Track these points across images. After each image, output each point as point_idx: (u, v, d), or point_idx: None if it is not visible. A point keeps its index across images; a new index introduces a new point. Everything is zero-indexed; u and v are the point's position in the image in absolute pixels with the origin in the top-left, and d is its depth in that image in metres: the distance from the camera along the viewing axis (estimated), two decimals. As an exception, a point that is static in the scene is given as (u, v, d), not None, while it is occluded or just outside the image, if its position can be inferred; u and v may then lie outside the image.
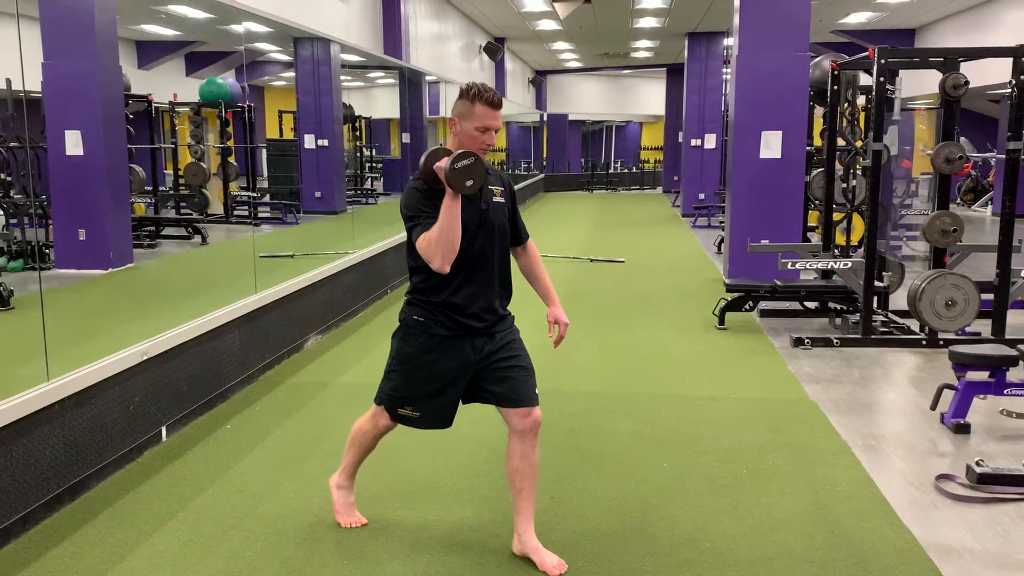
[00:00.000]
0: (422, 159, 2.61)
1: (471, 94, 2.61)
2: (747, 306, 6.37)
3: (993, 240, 5.65)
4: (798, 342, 5.75)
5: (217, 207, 11.32)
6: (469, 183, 2.47)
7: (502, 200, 2.77)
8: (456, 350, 2.72)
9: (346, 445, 3.07)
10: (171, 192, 11.25)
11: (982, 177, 17.15)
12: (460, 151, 2.49)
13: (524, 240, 2.94)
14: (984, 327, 5.73)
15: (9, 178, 7.70)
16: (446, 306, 2.69)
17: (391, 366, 2.83)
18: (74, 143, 6.99)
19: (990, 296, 5.62)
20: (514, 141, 25.75)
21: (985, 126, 17.26)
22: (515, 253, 2.94)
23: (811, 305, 6.66)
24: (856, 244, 7.05)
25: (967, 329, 5.67)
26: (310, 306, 5.76)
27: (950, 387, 4.18)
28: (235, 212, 11.43)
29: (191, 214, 10.86)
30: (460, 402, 2.84)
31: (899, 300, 6.42)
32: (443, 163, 2.49)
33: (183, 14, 9.86)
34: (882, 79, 5.57)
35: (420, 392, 2.78)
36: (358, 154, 13.81)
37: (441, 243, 2.50)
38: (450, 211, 2.49)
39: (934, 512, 3.22)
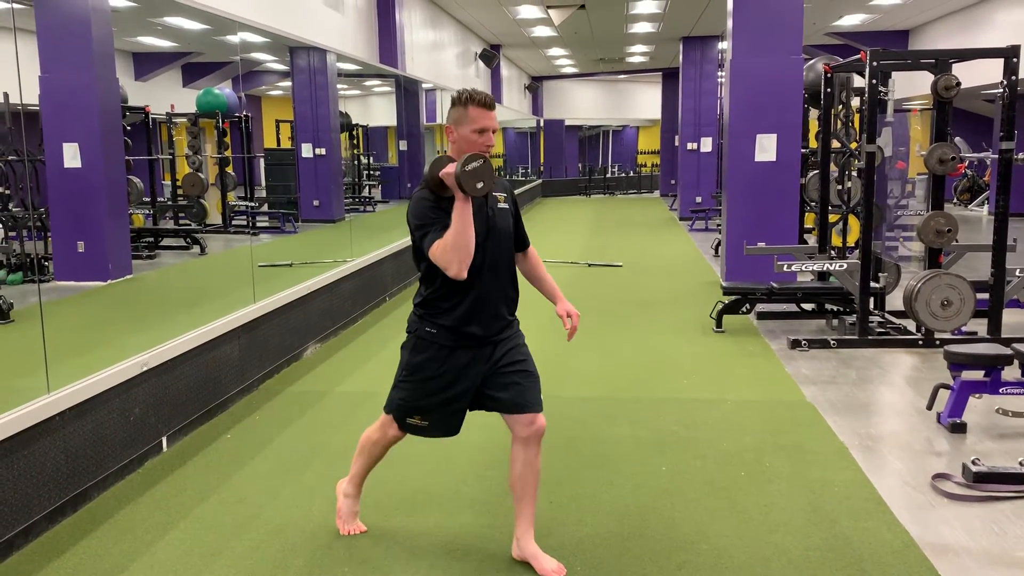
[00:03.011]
0: (427, 168, 2.62)
1: (463, 99, 2.64)
2: (744, 309, 6.40)
3: (990, 239, 5.68)
4: (795, 344, 5.78)
5: (215, 217, 11.34)
6: (480, 185, 2.45)
7: (506, 206, 2.79)
8: (466, 360, 2.73)
9: (355, 454, 3.07)
10: (169, 203, 11.27)
11: (978, 176, 17.20)
12: (469, 154, 2.49)
13: (526, 247, 2.97)
14: (980, 326, 5.76)
15: (8, 191, 7.73)
16: (457, 316, 2.70)
17: (401, 376, 2.83)
18: (72, 155, 7.01)
19: (985, 295, 5.64)
20: (511, 147, 25.81)
21: (980, 126, 17.29)
22: (517, 260, 2.96)
23: (808, 307, 6.68)
24: (852, 245, 7.08)
25: (963, 329, 5.69)
26: (309, 315, 5.79)
27: (946, 387, 4.20)
28: (233, 222, 11.46)
29: (189, 224, 10.88)
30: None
31: (895, 301, 6.45)
32: (452, 168, 2.48)
33: (179, 25, 9.90)
34: (875, 81, 5.61)
35: (429, 402, 2.79)
36: (356, 162, 13.85)
37: (457, 248, 2.49)
38: (462, 215, 2.48)
39: (931, 511, 3.24)
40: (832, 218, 7.14)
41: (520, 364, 2.79)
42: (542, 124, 25.77)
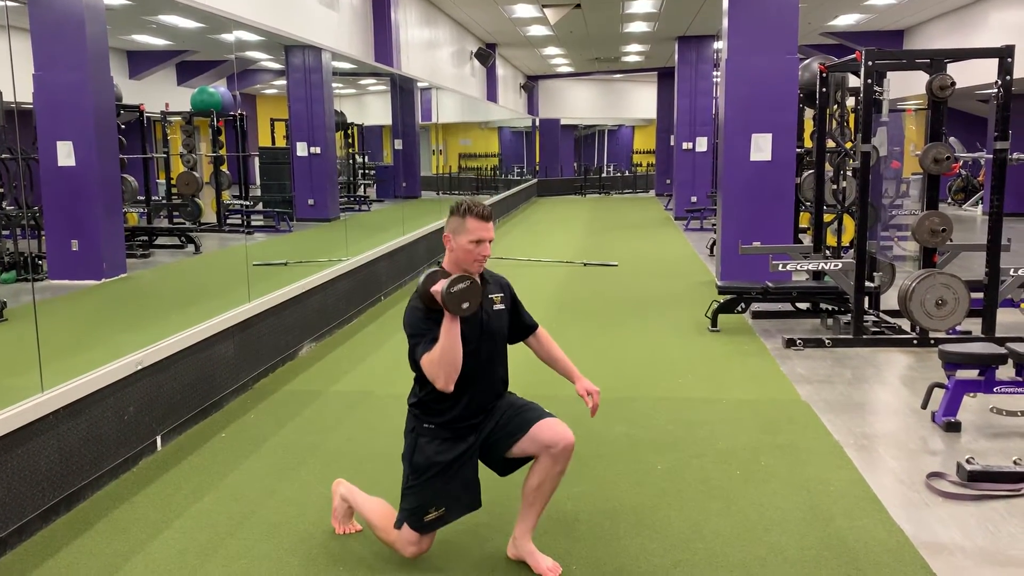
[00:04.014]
0: (420, 281, 2.65)
1: (461, 210, 2.68)
2: (739, 308, 6.40)
3: (984, 239, 5.69)
4: (790, 343, 5.78)
5: (210, 216, 11.31)
6: (465, 306, 2.53)
7: (502, 307, 2.85)
8: (465, 446, 2.76)
9: (366, 509, 2.97)
10: (164, 201, 11.24)
11: (972, 176, 17.24)
12: (456, 275, 2.55)
13: (535, 330, 3.01)
14: (974, 326, 5.77)
15: (1, 189, 7.70)
16: (452, 415, 2.73)
17: (407, 483, 2.78)
18: (66, 154, 6.99)
19: (980, 295, 5.66)
20: (507, 146, 25.79)
21: (974, 125, 17.35)
22: (529, 344, 3.02)
23: (803, 306, 6.69)
24: (847, 245, 7.09)
25: (957, 328, 5.71)
26: (304, 314, 5.78)
27: (941, 386, 4.21)
28: (228, 221, 11.43)
29: (184, 223, 10.85)
30: (497, 472, 2.89)
31: (890, 300, 6.46)
32: (439, 287, 2.53)
33: (174, 24, 9.87)
34: (869, 81, 5.62)
35: (440, 492, 2.75)
36: (351, 161, 13.83)
37: (443, 364, 2.55)
38: (450, 332, 2.55)
39: (925, 510, 3.25)
40: (827, 217, 7.15)
41: (512, 404, 2.84)
42: (538, 123, 25.76)
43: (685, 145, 16.56)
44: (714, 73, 16.42)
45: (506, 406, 2.83)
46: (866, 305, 6.04)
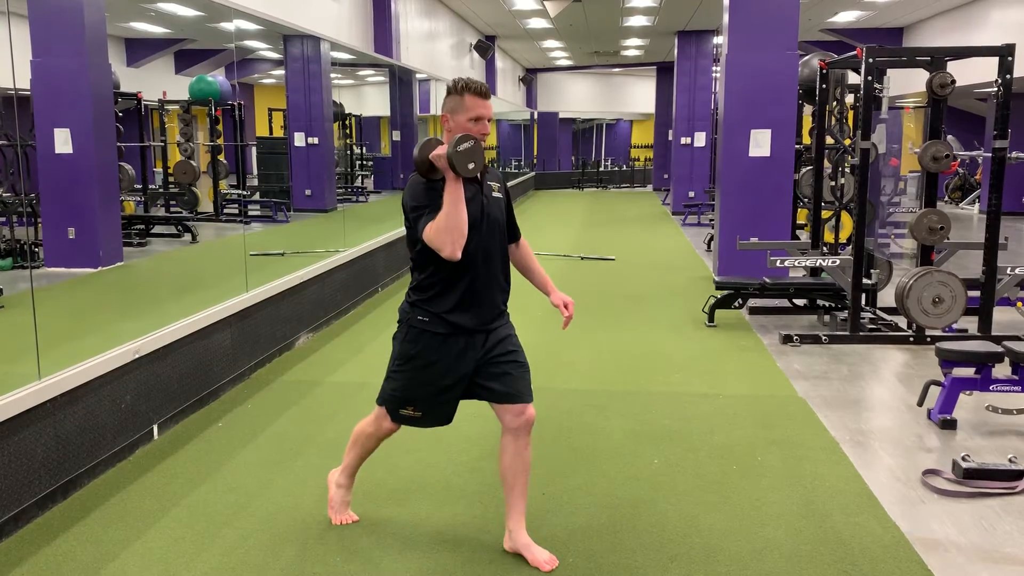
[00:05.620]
0: (416, 150, 2.60)
1: (459, 87, 2.64)
2: (736, 303, 6.41)
3: (980, 237, 5.70)
4: (787, 339, 5.79)
5: (207, 205, 11.30)
6: (471, 165, 2.45)
7: (500, 196, 2.81)
8: (458, 349, 2.72)
9: (348, 445, 3.06)
10: (161, 190, 11.22)
11: (970, 175, 17.27)
12: (461, 135, 2.48)
13: (518, 238, 2.98)
14: (971, 324, 5.79)
15: (-2, 176, 7.68)
16: (449, 304, 2.68)
17: (393, 367, 2.80)
18: (63, 141, 6.97)
19: (977, 293, 5.67)
20: (505, 139, 25.77)
21: (973, 124, 17.37)
22: (509, 250, 2.97)
23: (800, 302, 6.69)
24: (844, 242, 7.10)
25: (954, 326, 5.72)
26: (301, 304, 5.77)
27: (937, 383, 4.22)
28: (225, 210, 11.42)
29: (181, 212, 10.83)
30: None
31: (887, 297, 6.47)
32: (442, 149, 2.48)
33: (172, 11, 9.85)
34: (870, 78, 5.62)
35: (423, 393, 2.77)
36: (348, 152, 13.80)
37: (450, 228, 2.49)
38: (454, 195, 2.48)
39: (921, 507, 3.26)
40: (825, 214, 7.16)
41: (512, 355, 2.79)
42: (536, 116, 25.74)
43: (683, 140, 16.56)
44: (713, 68, 16.42)
45: (503, 339, 2.77)
46: (863, 302, 6.05)
